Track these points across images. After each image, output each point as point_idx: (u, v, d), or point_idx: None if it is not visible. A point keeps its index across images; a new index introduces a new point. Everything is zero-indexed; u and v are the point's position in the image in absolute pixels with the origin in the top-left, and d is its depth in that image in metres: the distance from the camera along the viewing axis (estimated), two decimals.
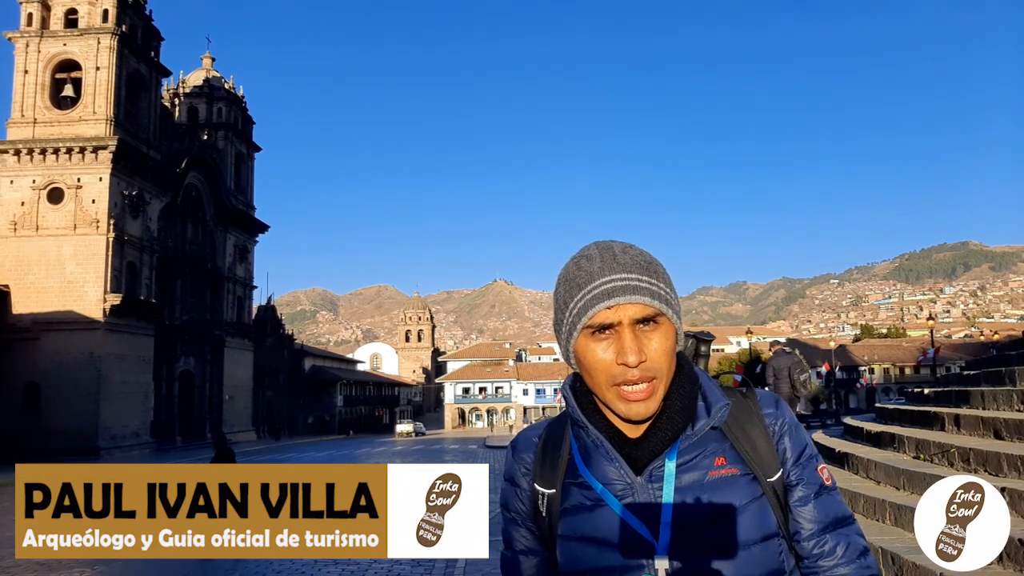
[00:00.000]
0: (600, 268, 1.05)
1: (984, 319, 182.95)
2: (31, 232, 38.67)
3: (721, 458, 1.06)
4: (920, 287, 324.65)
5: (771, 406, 1.12)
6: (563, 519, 1.11)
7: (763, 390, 1.16)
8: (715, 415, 1.06)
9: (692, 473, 1.05)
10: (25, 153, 39.00)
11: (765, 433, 1.09)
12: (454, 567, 8.05)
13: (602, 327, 1.03)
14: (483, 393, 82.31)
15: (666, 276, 1.08)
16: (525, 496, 1.18)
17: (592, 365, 1.04)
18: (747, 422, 1.09)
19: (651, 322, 1.03)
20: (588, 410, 1.11)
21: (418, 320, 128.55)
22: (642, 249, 1.10)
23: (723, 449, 1.07)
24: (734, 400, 1.11)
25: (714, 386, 1.11)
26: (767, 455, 1.07)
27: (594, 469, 1.09)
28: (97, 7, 40.44)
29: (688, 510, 1.02)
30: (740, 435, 1.08)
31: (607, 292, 1.02)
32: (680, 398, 1.07)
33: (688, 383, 1.09)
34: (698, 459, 1.05)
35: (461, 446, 38.77)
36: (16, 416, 36.06)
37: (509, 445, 1.26)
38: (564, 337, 1.08)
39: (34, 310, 37.55)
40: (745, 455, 1.06)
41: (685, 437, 1.06)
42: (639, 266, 1.05)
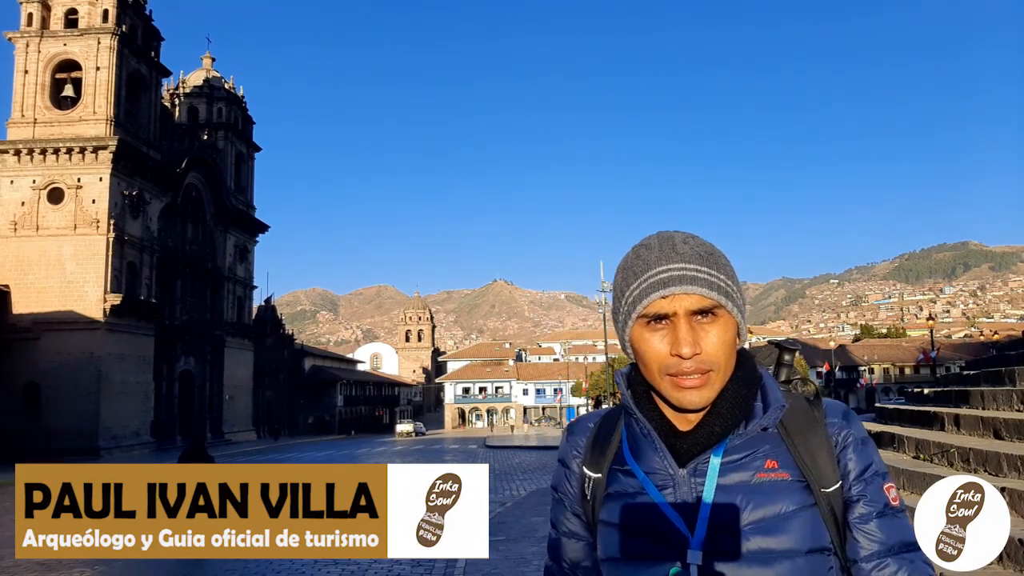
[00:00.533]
0: (657, 257, 1.04)
1: (984, 319, 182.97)
2: (31, 232, 38.67)
3: (773, 461, 1.03)
4: (920, 287, 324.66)
5: (837, 416, 1.08)
6: (605, 504, 1.11)
7: (832, 399, 1.11)
8: (769, 417, 1.04)
9: (739, 472, 1.02)
10: (25, 153, 39.01)
11: (827, 443, 1.05)
12: (454, 567, 8.05)
13: (657, 317, 1.02)
14: (483, 393, 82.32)
15: (728, 268, 1.06)
16: (574, 479, 1.17)
17: (646, 355, 1.03)
18: (808, 429, 1.05)
19: (709, 314, 1.01)
20: (641, 400, 1.10)
21: (418, 320, 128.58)
22: (705, 240, 1.08)
23: (777, 453, 1.04)
24: (797, 405, 1.08)
25: (776, 388, 1.08)
26: (826, 465, 1.03)
27: (640, 458, 1.09)
28: (97, 7, 40.44)
29: (729, 508, 1.01)
30: (799, 441, 1.04)
31: (663, 281, 1.01)
32: (735, 395, 1.05)
33: (747, 381, 1.07)
34: (747, 459, 1.03)
35: (461, 446, 38.77)
36: (16, 416, 36.06)
37: (565, 428, 1.27)
38: (620, 325, 1.08)
39: (34, 310, 37.56)
40: (800, 462, 1.03)
41: (735, 435, 1.04)
42: (698, 256, 1.03)
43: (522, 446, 35.43)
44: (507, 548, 8.96)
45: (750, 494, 1.00)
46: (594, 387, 55.66)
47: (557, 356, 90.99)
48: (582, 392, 59.76)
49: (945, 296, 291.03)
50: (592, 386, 55.96)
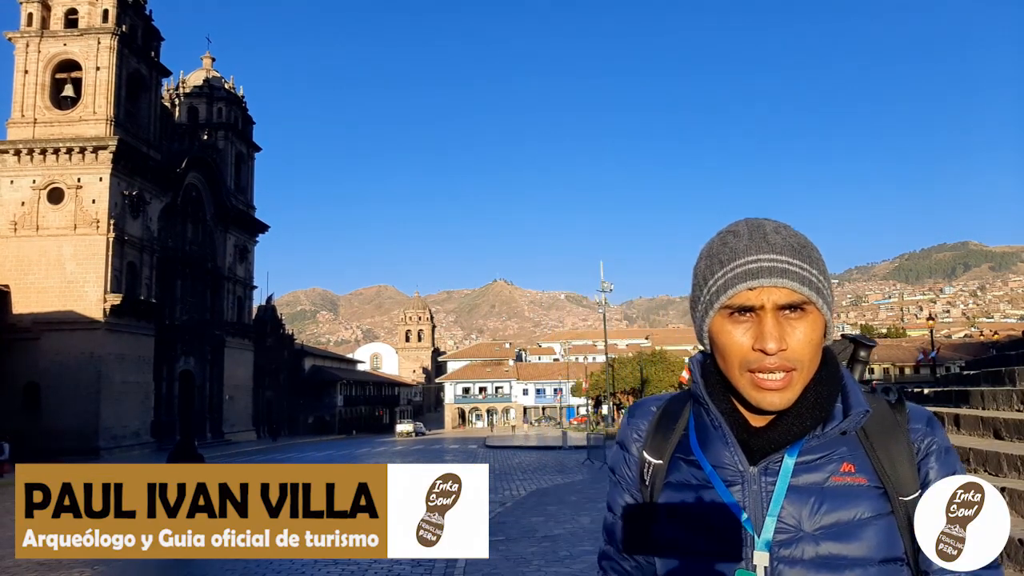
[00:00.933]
0: (747, 246, 0.98)
1: (984, 319, 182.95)
2: (31, 232, 38.67)
3: (850, 465, 0.98)
4: (920, 287, 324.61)
5: (921, 422, 1.02)
6: (664, 492, 1.08)
7: (915, 404, 1.06)
8: (851, 420, 0.99)
9: (813, 474, 0.98)
10: (25, 153, 39.01)
11: (908, 449, 0.99)
12: (454, 567, 8.05)
13: (742, 309, 0.97)
14: (483, 393, 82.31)
15: (820, 262, 1.00)
16: (633, 463, 1.14)
17: (727, 348, 0.98)
18: (889, 434, 1.01)
19: (797, 309, 0.96)
20: (713, 390, 1.06)
21: (418, 320, 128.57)
22: (797, 231, 1.02)
23: (855, 457, 0.99)
24: (879, 409, 1.03)
25: (859, 390, 1.03)
26: (906, 473, 0.98)
27: (707, 450, 1.05)
28: (97, 7, 40.44)
29: (800, 510, 0.97)
30: (878, 446, 1.00)
31: (751, 272, 0.96)
32: (816, 395, 1.00)
33: (829, 381, 1.02)
34: (823, 461, 0.99)
35: (461, 446, 38.77)
36: (16, 416, 36.03)
37: (626, 411, 1.23)
38: (700, 315, 1.03)
39: (34, 310, 37.55)
40: (879, 468, 0.98)
41: (812, 436, 0.99)
42: (791, 248, 0.97)
43: (522, 446, 35.43)
44: (507, 548, 8.96)
45: (823, 497, 0.96)
46: (594, 387, 55.65)
47: (557, 356, 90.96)
48: (582, 392, 59.75)
49: (945, 296, 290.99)
50: (592, 386, 55.95)
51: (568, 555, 8.44)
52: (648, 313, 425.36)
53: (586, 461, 22.62)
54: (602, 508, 7.43)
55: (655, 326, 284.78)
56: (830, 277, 1.02)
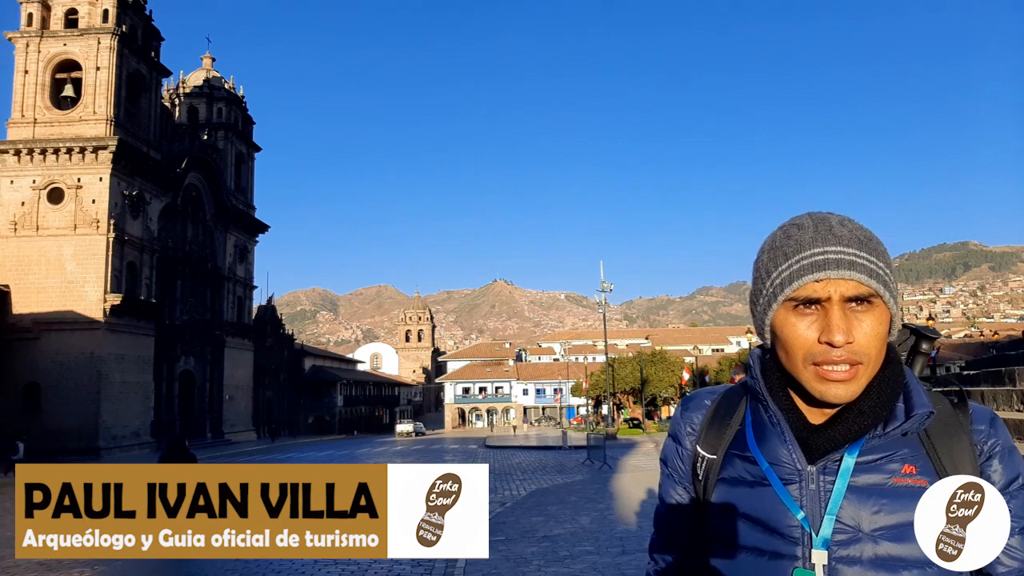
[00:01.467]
0: (812, 238, 0.97)
1: (984, 319, 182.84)
2: (31, 232, 38.67)
3: (911, 467, 0.96)
4: (920, 287, 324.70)
5: (984, 422, 0.99)
6: (719, 487, 1.07)
7: (979, 405, 1.03)
8: (914, 421, 0.96)
9: (873, 475, 0.96)
10: (25, 153, 39.01)
11: (971, 450, 0.97)
12: (454, 567, 8.04)
13: (808, 301, 0.96)
14: (483, 393, 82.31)
15: (886, 256, 0.99)
16: (686, 456, 1.13)
17: (791, 340, 0.97)
18: (952, 435, 0.98)
19: (864, 302, 0.95)
20: (772, 385, 1.04)
21: (418, 320, 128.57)
22: (862, 225, 1.01)
23: (916, 458, 0.97)
24: (942, 409, 1.00)
25: (922, 390, 1.00)
26: (968, 475, 0.94)
27: (764, 446, 1.04)
28: (97, 7, 40.44)
29: (859, 510, 0.95)
30: (941, 447, 0.97)
31: (818, 264, 0.95)
32: (879, 393, 0.98)
33: (893, 378, 1.00)
34: (883, 462, 0.97)
35: (461, 446, 38.76)
36: (16, 416, 36.03)
37: (680, 403, 1.22)
38: (762, 308, 1.01)
39: (34, 310, 37.55)
40: (940, 469, 0.95)
41: (873, 436, 0.97)
42: (857, 240, 0.97)
43: (522, 446, 35.42)
44: (507, 548, 8.96)
45: (884, 498, 0.95)
46: (594, 387, 55.64)
47: (557, 356, 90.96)
48: (582, 392, 59.74)
49: (945, 296, 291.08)
50: (592, 386, 55.94)
51: (568, 555, 8.44)
52: (648, 313, 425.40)
53: (586, 461, 22.62)
54: (602, 509, 7.49)
55: (655, 326, 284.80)
56: (895, 272, 1.01)
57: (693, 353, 70.59)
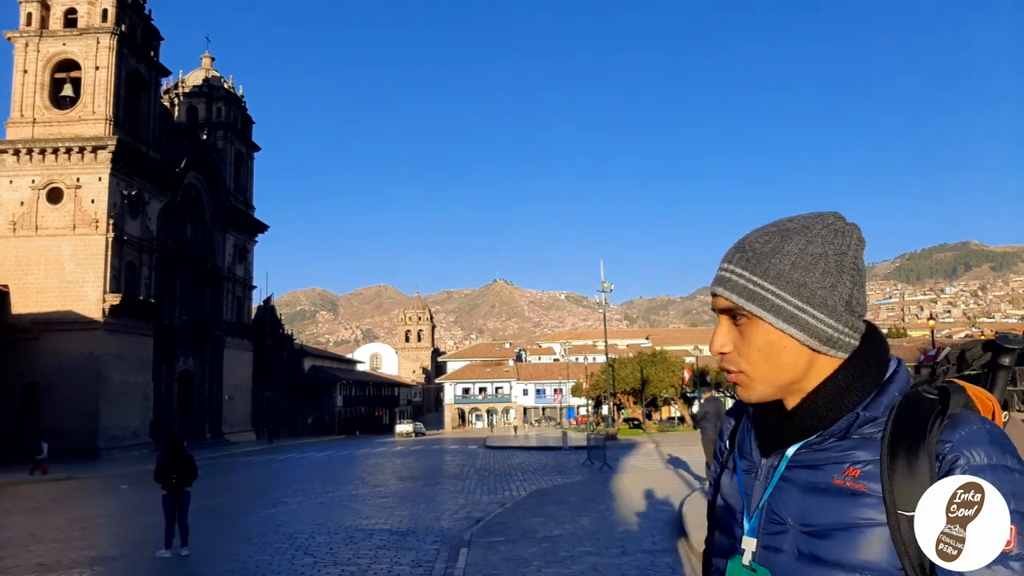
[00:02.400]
0: (727, 252, 1.05)
1: (985, 319, 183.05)
2: (30, 232, 38.67)
3: (856, 470, 0.95)
4: (921, 287, 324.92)
5: (955, 436, 0.91)
6: (722, 475, 1.18)
7: (970, 415, 0.94)
8: (836, 426, 0.97)
9: (816, 472, 0.97)
10: (24, 153, 39.01)
11: (929, 463, 0.91)
12: (454, 567, 8.04)
13: (717, 311, 1.06)
14: (483, 393, 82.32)
15: (778, 268, 0.98)
16: (725, 449, 1.22)
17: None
18: (915, 444, 0.93)
19: (742, 316, 1.00)
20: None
21: (418, 320, 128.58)
22: (785, 235, 1.00)
23: (866, 461, 0.95)
24: (915, 415, 0.95)
25: (892, 392, 0.98)
26: (916, 487, 0.90)
27: (743, 439, 1.14)
28: (96, 7, 40.44)
29: (791, 505, 0.98)
30: (898, 454, 0.93)
31: (714, 279, 1.06)
32: (825, 396, 0.99)
33: (853, 378, 0.99)
34: (830, 460, 0.97)
35: (461, 446, 38.75)
36: (16, 416, 36.04)
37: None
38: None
39: (33, 310, 37.55)
40: (884, 476, 0.92)
41: (824, 434, 0.99)
42: (744, 259, 1.01)
43: (522, 446, 35.42)
44: (507, 549, 8.95)
45: (819, 496, 0.96)
46: (594, 387, 55.63)
47: (557, 356, 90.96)
48: (582, 392, 59.74)
49: (946, 296, 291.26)
50: (592, 386, 55.93)
51: (568, 556, 8.43)
52: (648, 313, 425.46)
53: (586, 462, 22.60)
54: (602, 509, 7.54)
55: (655, 326, 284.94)
56: (809, 284, 0.97)
57: (693, 353, 70.58)
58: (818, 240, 1.00)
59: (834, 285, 0.98)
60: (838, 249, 1.00)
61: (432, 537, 10.42)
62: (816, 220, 1.02)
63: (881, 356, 1.02)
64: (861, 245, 1.03)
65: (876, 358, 1.02)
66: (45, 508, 16.98)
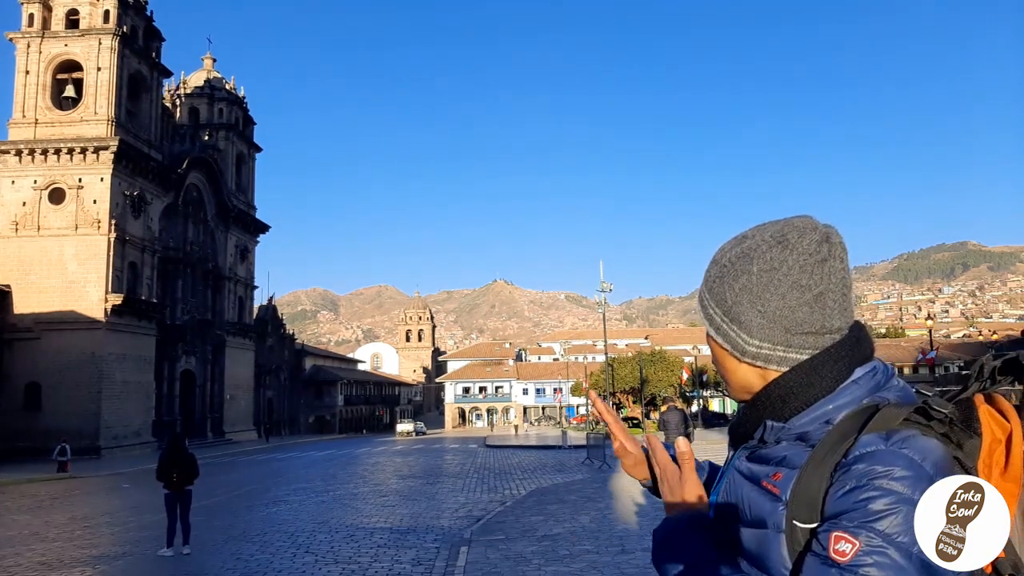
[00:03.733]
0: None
1: (983, 319, 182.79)
2: (32, 232, 38.68)
3: (779, 474, 0.96)
4: (919, 287, 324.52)
5: (864, 450, 0.89)
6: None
7: (904, 434, 0.90)
8: (763, 434, 1.01)
9: (756, 469, 1.01)
10: (27, 153, 39.01)
11: (825, 476, 0.90)
12: (454, 567, 8.05)
13: None
14: (483, 393, 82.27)
15: (724, 287, 1.02)
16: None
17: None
18: (825, 458, 0.92)
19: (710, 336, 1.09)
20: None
21: (418, 320, 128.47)
22: (737, 253, 1.02)
23: (791, 468, 0.95)
24: (844, 425, 0.94)
25: (825, 406, 0.96)
26: (813, 501, 0.90)
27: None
28: (98, 8, 40.43)
29: (729, 499, 1.05)
30: (812, 462, 0.93)
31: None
32: (766, 401, 1.01)
33: (792, 391, 0.98)
34: (767, 463, 1.00)
35: (461, 445, 38.75)
36: (17, 415, 36.04)
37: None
38: None
39: (35, 310, 37.56)
40: (795, 485, 0.93)
41: (767, 434, 1.01)
42: (707, 284, 1.08)
43: (522, 445, 35.41)
44: (507, 547, 8.96)
45: (747, 494, 1.00)
46: (594, 387, 55.61)
47: (557, 356, 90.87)
48: (582, 392, 59.70)
49: (944, 296, 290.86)
50: (592, 386, 55.92)
51: (568, 554, 8.44)
52: (648, 313, 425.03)
53: (586, 460, 22.61)
54: (601, 508, 7.56)
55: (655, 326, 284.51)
56: (753, 296, 0.99)
57: (692, 353, 70.51)
58: (756, 257, 1.00)
59: (752, 303, 0.99)
60: (768, 266, 0.98)
61: (432, 535, 10.44)
62: (760, 232, 1.02)
63: (833, 370, 0.97)
64: (811, 257, 0.97)
65: (823, 371, 0.97)
66: (47, 507, 17.00)
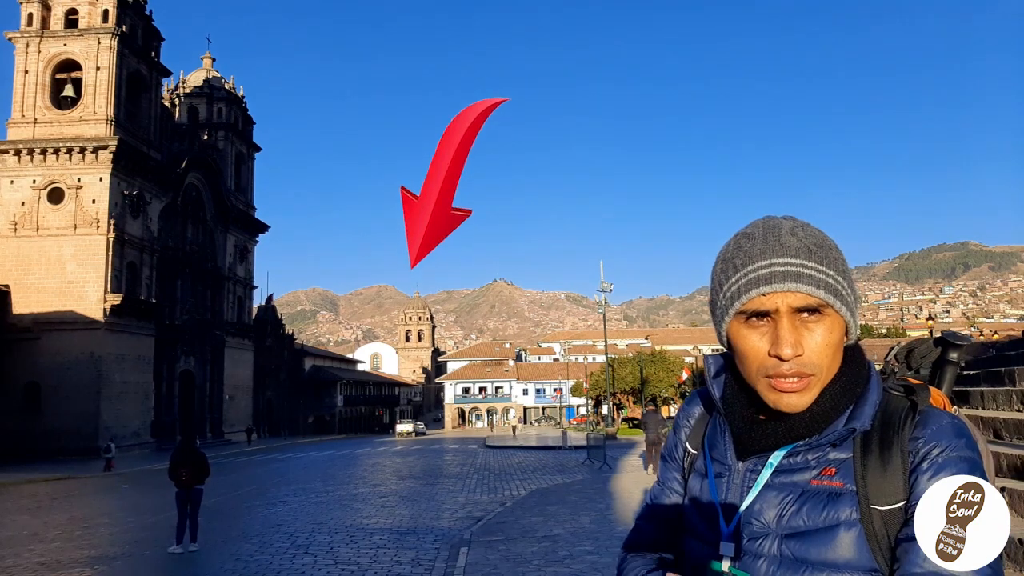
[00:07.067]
0: (761, 250, 0.96)
1: (984, 319, 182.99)
2: (31, 232, 38.67)
3: (832, 469, 0.95)
4: (920, 287, 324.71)
5: (929, 428, 0.94)
6: (691, 478, 1.12)
7: (939, 411, 0.97)
8: (835, 435, 0.95)
9: (797, 475, 0.96)
10: (25, 153, 39.00)
11: (902, 458, 0.93)
12: (454, 567, 8.04)
13: (757, 314, 0.95)
14: (483, 393, 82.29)
15: (839, 262, 0.97)
16: (680, 448, 1.17)
17: (744, 353, 0.97)
18: (888, 439, 0.94)
19: (815, 312, 0.94)
20: (731, 387, 1.06)
21: (418, 320, 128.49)
22: (817, 229, 1.00)
23: (842, 460, 0.95)
24: (890, 413, 0.97)
25: (872, 404, 0.97)
26: (891, 483, 0.92)
27: (715, 442, 1.09)
28: (97, 7, 40.42)
29: (772, 508, 0.96)
30: (870, 451, 0.94)
31: (764, 277, 0.94)
32: (822, 402, 0.96)
33: (847, 385, 0.97)
34: (809, 463, 0.96)
35: (461, 446, 38.73)
36: (17, 416, 36.04)
37: (688, 396, 1.25)
38: (718, 319, 1.02)
39: (34, 310, 37.55)
40: (858, 472, 0.93)
41: (806, 441, 0.96)
42: (806, 250, 0.95)
43: (522, 446, 35.40)
44: (507, 548, 8.95)
45: (797, 498, 0.95)
46: (594, 387, 55.61)
47: (557, 356, 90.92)
48: (582, 392, 59.72)
49: (945, 296, 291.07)
50: (592, 386, 55.92)
51: (568, 555, 8.43)
52: (648, 313, 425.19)
53: (586, 461, 22.60)
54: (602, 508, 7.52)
55: (655, 326, 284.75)
56: (851, 275, 0.99)
57: (693, 353, 70.57)
58: (830, 244, 1.00)
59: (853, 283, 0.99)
60: (837, 250, 1.01)
61: (432, 536, 10.43)
62: (794, 222, 1.03)
63: (864, 359, 1.01)
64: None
65: (858, 356, 1.01)
66: (46, 507, 16.98)
